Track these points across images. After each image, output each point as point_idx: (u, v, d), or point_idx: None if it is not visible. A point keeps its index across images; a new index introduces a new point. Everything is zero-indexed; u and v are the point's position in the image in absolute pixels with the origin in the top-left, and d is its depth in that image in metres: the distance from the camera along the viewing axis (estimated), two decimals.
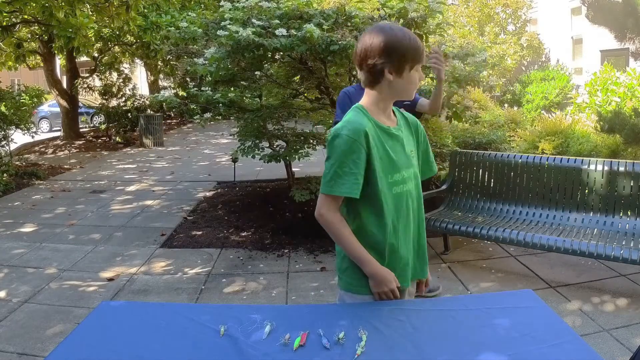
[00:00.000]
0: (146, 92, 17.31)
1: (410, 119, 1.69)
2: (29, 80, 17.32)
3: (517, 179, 4.15)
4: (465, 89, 4.78)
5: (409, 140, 1.64)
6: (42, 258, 4.18)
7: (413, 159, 1.62)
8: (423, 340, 1.31)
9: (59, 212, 5.77)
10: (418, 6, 3.98)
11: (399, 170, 1.55)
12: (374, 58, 1.49)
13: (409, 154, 1.60)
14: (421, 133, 1.70)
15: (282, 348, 1.26)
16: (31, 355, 2.65)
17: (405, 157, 1.58)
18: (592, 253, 3.27)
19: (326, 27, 3.93)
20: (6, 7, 6.75)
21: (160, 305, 2.07)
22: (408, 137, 1.63)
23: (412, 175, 1.60)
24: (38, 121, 15.55)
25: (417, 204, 1.63)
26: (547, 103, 15.26)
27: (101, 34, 11.42)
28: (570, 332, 1.34)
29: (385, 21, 3.80)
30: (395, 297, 1.53)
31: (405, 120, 1.67)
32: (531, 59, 22.17)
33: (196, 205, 5.99)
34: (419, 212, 1.64)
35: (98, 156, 10.50)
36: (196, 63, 4.32)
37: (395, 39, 1.50)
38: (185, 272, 3.86)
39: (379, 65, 1.50)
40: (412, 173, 1.60)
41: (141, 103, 13.40)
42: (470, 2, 22.28)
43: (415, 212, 1.62)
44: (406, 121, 1.67)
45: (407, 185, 1.58)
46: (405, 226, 1.58)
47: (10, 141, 8.33)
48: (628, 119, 5.62)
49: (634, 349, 2.58)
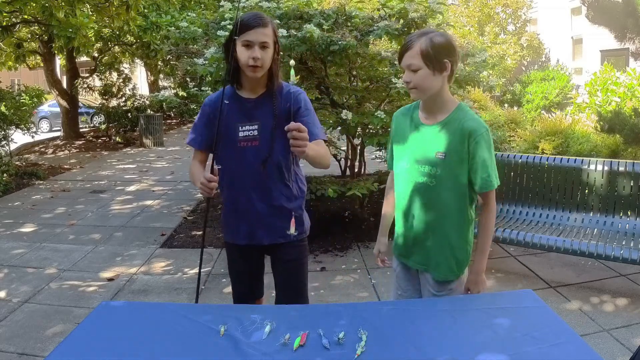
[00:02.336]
0: (146, 92, 17.30)
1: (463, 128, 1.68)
2: (29, 80, 17.30)
3: (517, 179, 4.15)
4: (465, 89, 4.78)
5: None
6: (42, 258, 4.18)
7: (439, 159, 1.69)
8: (423, 340, 1.31)
9: (59, 212, 5.77)
10: (418, 6, 3.98)
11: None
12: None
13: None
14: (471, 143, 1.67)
15: (282, 348, 1.26)
16: (31, 355, 2.65)
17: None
18: (592, 253, 3.27)
19: (326, 27, 3.93)
20: (6, 7, 6.75)
21: (160, 305, 2.07)
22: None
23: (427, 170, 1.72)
24: (38, 121, 15.54)
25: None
26: (547, 103, 15.24)
27: (101, 34, 11.42)
28: (570, 332, 1.34)
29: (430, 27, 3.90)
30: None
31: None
32: (531, 59, 22.18)
33: (196, 205, 5.99)
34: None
35: (98, 156, 10.50)
36: (196, 63, 4.32)
37: None
38: (185, 272, 3.86)
39: None
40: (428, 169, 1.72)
41: (141, 103, 13.40)
42: (470, 2, 22.28)
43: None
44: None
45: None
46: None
47: (10, 141, 8.33)
48: (628, 119, 5.62)
49: (634, 349, 2.58)
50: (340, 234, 4.51)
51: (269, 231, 1.93)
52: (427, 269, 1.78)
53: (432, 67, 1.62)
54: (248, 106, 1.87)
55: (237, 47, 1.77)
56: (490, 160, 1.67)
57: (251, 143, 1.86)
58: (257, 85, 1.87)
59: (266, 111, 1.86)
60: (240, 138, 1.86)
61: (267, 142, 1.85)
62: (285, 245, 1.95)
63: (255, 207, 1.90)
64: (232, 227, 1.98)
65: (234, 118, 1.86)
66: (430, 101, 1.71)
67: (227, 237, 2.04)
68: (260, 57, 1.75)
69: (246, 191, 1.90)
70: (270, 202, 1.90)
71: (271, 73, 1.85)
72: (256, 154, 1.85)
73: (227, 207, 1.98)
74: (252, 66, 1.76)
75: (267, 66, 1.81)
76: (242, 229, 1.95)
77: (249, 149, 1.86)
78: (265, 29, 1.77)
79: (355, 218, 4.78)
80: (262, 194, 1.89)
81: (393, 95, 4.14)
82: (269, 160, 1.85)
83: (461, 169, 1.67)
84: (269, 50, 1.79)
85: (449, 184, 1.68)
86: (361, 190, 3.97)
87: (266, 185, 1.88)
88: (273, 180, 1.89)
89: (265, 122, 1.86)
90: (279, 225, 1.90)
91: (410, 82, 1.66)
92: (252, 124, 1.86)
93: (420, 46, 1.62)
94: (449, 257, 1.74)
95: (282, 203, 1.91)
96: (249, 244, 1.97)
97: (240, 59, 1.78)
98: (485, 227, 1.75)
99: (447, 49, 1.64)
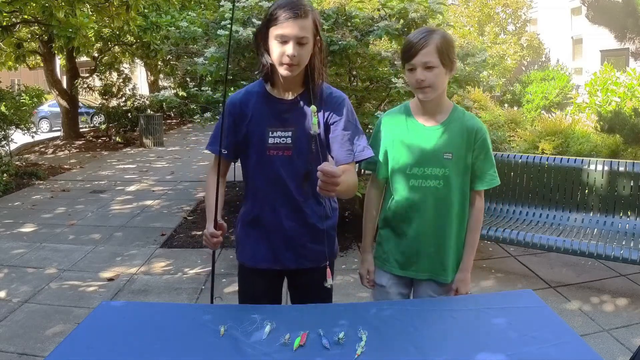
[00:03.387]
0: (146, 92, 17.30)
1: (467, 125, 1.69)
2: (29, 80, 17.31)
3: (517, 179, 4.15)
4: (465, 89, 4.78)
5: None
6: (42, 258, 4.18)
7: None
8: (423, 340, 1.31)
9: (59, 212, 5.77)
10: (418, 6, 3.98)
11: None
12: None
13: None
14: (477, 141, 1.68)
15: (282, 348, 1.26)
16: (31, 355, 2.64)
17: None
18: (592, 253, 3.27)
19: (326, 27, 3.93)
20: (6, 7, 6.74)
21: (160, 305, 2.07)
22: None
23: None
24: (38, 121, 15.54)
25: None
26: (547, 103, 15.25)
27: (101, 34, 11.41)
28: (570, 332, 1.34)
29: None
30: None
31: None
32: (531, 59, 22.19)
33: (196, 205, 5.99)
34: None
35: (98, 156, 10.49)
36: (196, 63, 4.32)
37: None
38: (185, 272, 3.86)
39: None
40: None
41: (141, 103, 13.39)
42: (470, 2, 22.29)
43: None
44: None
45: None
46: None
47: (10, 141, 8.33)
48: (628, 119, 5.62)
49: (634, 349, 2.58)
50: (340, 234, 4.48)
51: (296, 253, 1.67)
52: (430, 276, 1.73)
53: (445, 65, 1.60)
54: (281, 108, 1.60)
55: (270, 39, 1.51)
56: (492, 157, 1.70)
57: (283, 152, 1.59)
58: (292, 84, 1.59)
59: (304, 116, 1.59)
60: (270, 145, 1.59)
61: (302, 154, 1.59)
62: (312, 270, 1.67)
63: (283, 226, 1.64)
64: (250, 247, 1.70)
65: (264, 121, 1.59)
66: (434, 102, 1.66)
67: (242, 258, 1.75)
68: (296, 55, 1.48)
69: (272, 207, 1.64)
70: (301, 221, 1.64)
71: (311, 70, 1.56)
72: (288, 166, 1.60)
73: (246, 222, 1.72)
74: (286, 64, 1.50)
75: (305, 63, 1.53)
76: (263, 249, 1.69)
77: (279, 158, 1.59)
78: (304, 20, 1.49)
79: (355, 218, 4.77)
80: (292, 211, 1.63)
81: (393, 95, 4.14)
82: (311, 176, 1.54)
83: (466, 167, 1.67)
84: (307, 46, 1.51)
85: (456, 183, 1.67)
86: (361, 190, 3.95)
87: (297, 201, 1.63)
88: (306, 196, 1.63)
89: (301, 129, 1.58)
90: (309, 247, 1.66)
91: (424, 80, 1.58)
92: (285, 130, 1.59)
93: (437, 43, 1.57)
94: (454, 259, 1.73)
95: (315, 222, 1.66)
96: (271, 267, 1.69)
97: (273, 55, 1.52)
98: (477, 225, 1.74)
99: (454, 47, 1.65)
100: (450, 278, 1.73)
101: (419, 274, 1.74)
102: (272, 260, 1.68)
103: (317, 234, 1.65)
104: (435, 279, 1.73)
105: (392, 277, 1.78)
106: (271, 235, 1.66)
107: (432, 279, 1.73)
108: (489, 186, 1.70)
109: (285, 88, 1.60)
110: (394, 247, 1.76)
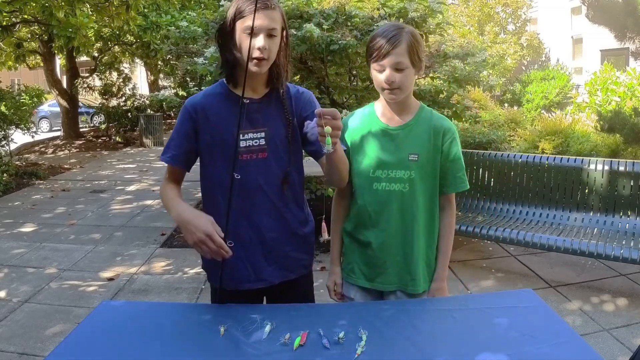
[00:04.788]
0: (146, 92, 17.29)
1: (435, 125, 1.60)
2: (29, 80, 17.30)
3: (517, 178, 4.15)
4: (465, 89, 4.77)
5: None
6: (42, 258, 4.18)
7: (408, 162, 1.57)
8: (423, 340, 1.31)
9: (59, 212, 5.77)
10: (418, 6, 3.98)
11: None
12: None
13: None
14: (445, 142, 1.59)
15: (282, 348, 1.26)
16: (31, 355, 2.65)
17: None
18: (592, 253, 3.27)
19: (326, 27, 3.92)
20: (6, 7, 6.75)
21: (160, 304, 2.07)
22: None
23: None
24: (38, 121, 15.55)
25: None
26: (547, 103, 15.25)
27: (101, 33, 11.41)
28: (570, 332, 1.34)
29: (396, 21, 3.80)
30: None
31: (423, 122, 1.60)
32: (531, 59, 22.20)
33: (196, 205, 5.99)
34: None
35: (98, 156, 10.50)
36: (196, 63, 4.31)
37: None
38: (185, 272, 3.86)
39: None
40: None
41: (141, 103, 13.40)
42: (470, 2, 22.30)
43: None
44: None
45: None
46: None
47: (10, 141, 8.33)
48: (628, 119, 5.63)
49: (634, 348, 2.58)
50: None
51: (279, 265, 1.55)
52: (399, 287, 1.62)
53: (415, 65, 1.50)
54: (250, 108, 1.48)
55: (237, 33, 1.43)
56: (462, 159, 1.61)
57: (257, 155, 1.49)
58: (258, 82, 1.51)
59: (275, 115, 1.52)
60: (242, 149, 1.48)
61: (278, 155, 1.51)
62: (295, 282, 1.59)
63: (263, 236, 1.52)
64: (226, 267, 1.45)
65: (232, 123, 1.46)
66: (400, 102, 1.56)
67: (217, 281, 1.48)
68: (267, 47, 1.40)
69: (248, 218, 1.50)
70: (283, 229, 1.54)
71: (277, 67, 1.49)
72: (264, 169, 1.50)
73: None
74: (256, 58, 1.40)
75: (274, 58, 1.46)
76: (242, 267, 1.53)
77: (254, 162, 1.49)
78: (273, 12, 1.43)
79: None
80: (273, 220, 1.52)
81: None
82: (289, 178, 1.50)
83: (433, 170, 1.58)
84: (276, 39, 1.45)
85: (423, 187, 1.57)
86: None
87: (277, 208, 1.52)
88: (286, 201, 1.54)
89: (274, 129, 1.51)
90: (293, 256, 1.57)
91: (394, 81, 1.48)
92: (257, 131, 1.49)
93: (407, 43, 1.46)
94: (424, 267, 1.62)
95: (295, 229, 1.57)
96: (252, 287, 1.55)
97: (241, 49, 1.43)
98: (449, 230, 1.65)
99: (423, 45, 1.56)
100: (422, 288, 1.62)
101: (386, 285, 1.63)
102: (255, 279, 1.54)
103: (298, 241, 1.58)
104: (404, 289, 1.62)
105: (359, 290, 1.67)
106: (250, 248, 1.52)
107: (402, 290, 1.62)
108: (458, 190, 1.61)
109: (251, 87, 1.49)
110: (359, 258, 1.66)
